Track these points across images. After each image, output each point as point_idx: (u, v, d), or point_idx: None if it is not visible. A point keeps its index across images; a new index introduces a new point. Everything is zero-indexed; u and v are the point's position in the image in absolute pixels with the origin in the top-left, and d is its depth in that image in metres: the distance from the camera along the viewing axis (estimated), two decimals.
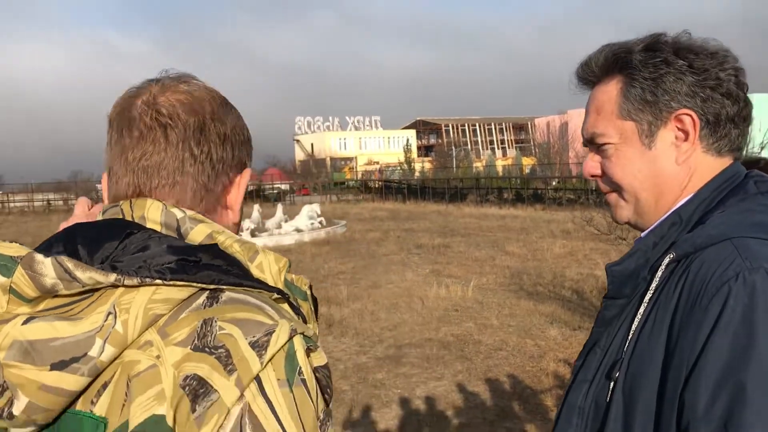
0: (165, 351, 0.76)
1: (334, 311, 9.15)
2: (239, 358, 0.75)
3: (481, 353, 7.03)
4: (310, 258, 14.87)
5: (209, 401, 0.73)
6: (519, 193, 32.47)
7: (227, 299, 0.81)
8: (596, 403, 1.05)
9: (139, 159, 0.91)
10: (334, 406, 5.62)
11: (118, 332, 0.76)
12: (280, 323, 0.79)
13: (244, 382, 0.74)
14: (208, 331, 0.77)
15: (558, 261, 12.95)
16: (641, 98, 1.05)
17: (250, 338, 0.76)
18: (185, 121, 0.91)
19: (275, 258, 0.92)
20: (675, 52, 1.03)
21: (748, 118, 1.04)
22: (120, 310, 0.77)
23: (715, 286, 0.89)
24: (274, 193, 46.24)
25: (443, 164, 66.13)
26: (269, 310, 0.81)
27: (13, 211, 40.49)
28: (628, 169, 1.08)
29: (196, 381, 0.74)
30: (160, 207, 0.89)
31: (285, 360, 0.77)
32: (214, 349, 0.75)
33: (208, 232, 0.89)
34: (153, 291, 0.78)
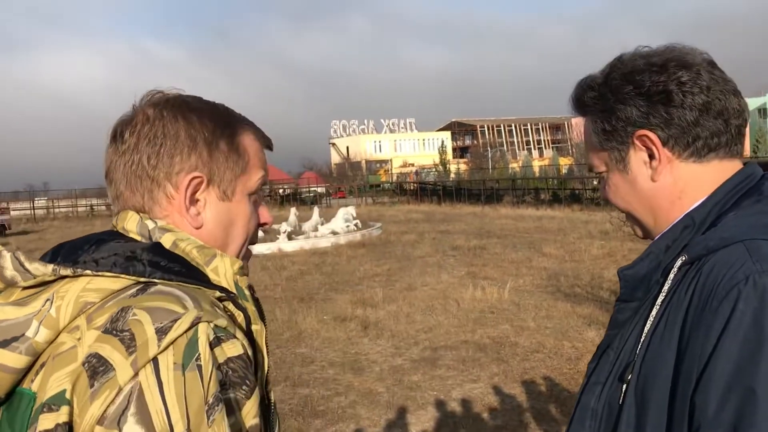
0: (86, 334, 0.84)
1: (370, 313, 9.18)
2: (143, 341, 0.81)
3: (518, 355, 6.98)
4: (345, 260, 14.95)
5: (106, 378, 0.79)
6: (556, 193, 32.11)
7: (153, 291, 0.87)
8: (609, 405, 1.05)
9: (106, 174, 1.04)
10: (370, 408, 5.67)
11: (52, 316, 0.86)
12: (188, 312, 0.84)
13: (140, 363, 0.80)
14: (122, 317, 0.83)
15: (596, 262, 12.78)
16: (603, 130, 1.10)
17: (157, 324, 0.82)
18: (126, 138, 1.00)
19: (231, 261, 0.99)
20: (623, 77, 1.07)
21: (724, 112, 1.03)
22: (57, 297, 0.87)
23: (725, 288, 0.90)
24: (310, 196, 46.57)
25: (479, 165, 65.78)
26: (187, 300, 0.86)
27: (58, 216, 41.62)
28: (618, 194, 1.13)
29: (96, 359, 0.81)
30: (137, 219, 0.99)
31: (186, 345, 0.82)
32: (119, 332, 0.82)
33: (173, 240, 0.97)
34: (87, 281, 0.88)
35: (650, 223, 1.12)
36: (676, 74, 1.03)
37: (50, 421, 0.80)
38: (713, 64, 1.07)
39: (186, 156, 0.99)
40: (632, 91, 1.05)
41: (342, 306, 9.74)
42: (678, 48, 1.08)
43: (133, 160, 0.99)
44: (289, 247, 17.48)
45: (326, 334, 8.22)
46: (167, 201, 1.00)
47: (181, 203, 0.99)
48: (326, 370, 6.82)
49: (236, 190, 1.04)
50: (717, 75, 1.05)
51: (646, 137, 1.06)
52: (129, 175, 0.99)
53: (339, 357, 7.28)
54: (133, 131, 0.99)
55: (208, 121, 1.02)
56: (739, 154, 1.08)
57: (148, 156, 0.98)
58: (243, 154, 1.05)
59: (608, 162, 1.12)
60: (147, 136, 0.99)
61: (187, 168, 0.99)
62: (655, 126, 1.04)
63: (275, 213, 32.00)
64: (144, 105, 1.02)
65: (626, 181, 1.11)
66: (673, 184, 1.07)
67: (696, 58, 1.06)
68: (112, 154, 1.01)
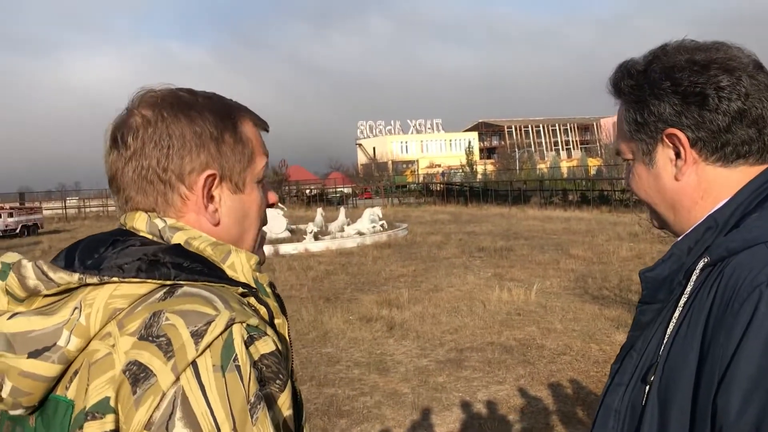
0: (119, 340, 0.85)
1: (395, 314, 9.19)
2: (179, 345, 0.82)
3: (544, 358, 6.93)
4: (371, 261, 14.98)
5: (148, 384, 0.81)
6: (584, 194, 31.79)
7: (181, 293, 0.88)
8: (632, 406, 1.05)
9: (111, 181, 1.03)
10: (395, 409, 5.67)
11: (82, 324, 0.87)
12: (221, 313, 0.85)
13: (180, 368, 0.81)
14: (155, 322, 0.84)
15: (624, 264, 12.63)
16: (635, 120, 1.09)
17: (191, 328, 0.83)
18: (128, 143, 0.99)
19: (247, 257, 1.00)
20: (663, 71, 1.05)
21: (759, 120, 1.01)
22: (85, 305, 0.88)
23: (747, 290, 0.89)
24: (336, 196, 46.74)
25: (506, 166, 65.32)
26: (217, 301, 0.87)
27: (89, 215, 42.34)
28: (641, 184, 1.13)
29: (137, 366, 0.82)
30: (146, 218, 0.99)
31: (222, 347, 0.83)
32: (156, 338, 0.83)
33: (185, 239, 0.98)
34: (114, 287, 0.88)
35: (670, 218, 1.12)
36: (716, 78, 1.01)
37: (96, 429, 0.82)
38: (760, 67, 1.04)
39: (195, 155, 0.99)
40: (669, 87, 1.04)
41: (368, 306, 9.76)
42: (725, 47, 1.05)
43: (141, 165, 0.98)
44: (315, 248, 17.56)
45: (352, 335, 8.25)
46: (182, 202, 1.00)
47: (198, 203, 1.00)
48: (352, 370, 6.84)
49: (246, 181, 1.04)
50: (759, 80, 1.03)
51: (675, 136, 1.05)
52: (139, 180, 0.99)
53: (364, 357, 7.30)
54: (136, 135, 0.98)
55: (209, 115, 1.01)
56: None
57: (157, 159, 0.97)
58: (247, 143, 1.04)
59: (635, 152, 1.12)
60: (152, 140, 0.98)
61: (198, 167, 0.99)
62: (685, 126, 1.03)
63: (302, 213, 32.17)
64: (139, 106, 1.00)
65: (650, 175, 1.11)
66: (696, 185, 1.06)
67: (742, 61, 1.03)
68: (116, 161, 1.00)
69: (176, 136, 0.98)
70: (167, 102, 1.00)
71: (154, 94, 1.02)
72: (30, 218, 31.30)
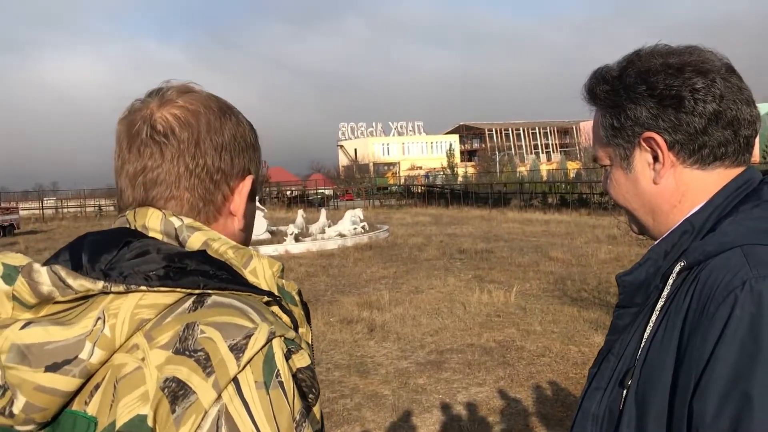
0: (149, 354, 0.80)
1: (376, 316, 9.18)
2: (218, 360, 0.78)
3: (524, 359, 6.97)
4: (352, 263, 14.96)
5: (188, 402, 0.76)
6: (564, 197, 32.05)
7: (212, 303, 0.84)
8: (610, 410, 1.05)
9: (138, 174, 0.96)
10: (375, 411, 5.67)
11: (107, 336, 0.81)
12: (260, 326, 0.81)
13: (221, 384, 0.77)
14: (190, 335, 0.80)
15: (603, 267, 12.74)
16: (611, 126, 1.10)
17: (229, 341, 0.79)
18: (179, 135, 0.95)
19: (269, 263, 0.96)
20: (638, 75, 1.05)
21: (734, 122, 1.03)
22: (108, 315, 0.81)
23: (722, 294, 0.89)
24: (317, 198, 46.64)
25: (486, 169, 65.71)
26: (252, 313, 0.83)
27: (66, 216, 41.83)
28: (619, 190, 1.13)
29: (176, 383, 0.77)
30: (160, 216, 0.94)
31: (263, 362, 0.79)
32: (193, 352, 0.78)
33: (204, 240, 0.93)
34: (140, 297, 0.82)
35: (648, 222, 1.12)
36: (691, 80, 1.02)
37: None
38: (731, 71, 1.06)
39: (240, 157, 0.98)
40: (645, 91, 1.05)
41: (348, 308, 9.75)
42: (698, 51, 1.06)
43: (197, 162, 0.95)
44: (296, 249, 17.50)
45: (332, 336, 8.23)
46: (222, 203, 0.98)
47: (239, 204, 0.99)
48: (332, 372, 6.82)
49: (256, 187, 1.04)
50: (733, 83, 1.04)
51: (652, 139, 1.05)
52: (189, 177, 0.95)
53: (345, 359, 7.29)
54: (191, 129, 0.94)
55: (244, 121, 1.01)
56: (746, 163, 1.07)
57: (212, 157, 0.95)
58: (259, 150, 1.05)
59: (613, 157, 1.12)
60: (209, 136, 0.95)
61: (241, 170, 0.98)
62: (662, 129, 1.04)
63: (282, 215, 32.04)
64: (180, 99, 0.96)
65: (628, 180, 1.11)
66: (674, 188, 1.07)
67: (714, 64, 1.04)
68: (156, 154, 0.94)
69: (228, 136, 0.97)
70: (212, 100, 0.98)
71: (194, 89, 0.98)
72: (6, 218, 30.79)
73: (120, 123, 0.99)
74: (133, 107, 0.99)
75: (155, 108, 0.96)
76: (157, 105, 0.96)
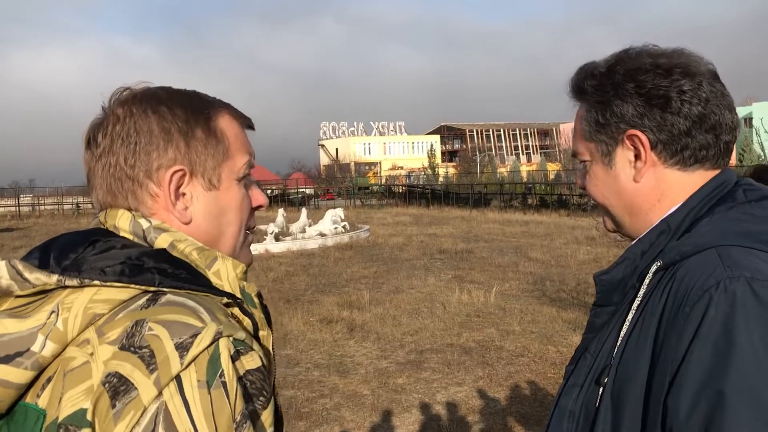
0: (98, 348, 0.80)
1: (356, 316, 9.18)
2: (162, 358, 0.78)
3: (503, 359, 7.01)
4: (333, 262, 14.94)
5: (129, 398, 0.77)
6: (543, 198, 32.27)
7: (165, 301, 0.84)
8: (586, 408, 1.07)
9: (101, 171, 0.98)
10: (354, 411, 5.66)
11: (59, 329, 0.82)
12: (208, 326, 0.81)
13: (163, 382, 0.77)
14: (137, 331, 0.80)
15: (582, 267, 12.84)
16: (596, 121, 1.11)
17: (176, 339, 0.79)
18: (98, 140, 0.97)
19: (233, 264, 0.96)
20: (627, 73, 1.07)
21: (716, 127, 1.04)
22: (62, 308, 0.83)
23: (697, 294, 0.91)
24: (298, 197, 46.46)
25: (467, 169, 65.97)
26: (203, 312, 0.83)
27: (43, 213, 41.28)
28: (598, 186, 1.14)
29: (117, 378, 0.78)
30: (129, 217, 0.95)
31: (208, 362, 0.79)
32: (138, 349, 0.79)
33: (170, 241, 0.94)
34: (94, 291, 0.84)
35: (625, 220, 1.13)
36: (679, 81, 1.04)
37: None
38: (716, 76, 1.08)
39: (163, 150, 0.95)
40: (633, 89, 1.06)
41: (328, 308, 9.73)
42: (686, 54, 1.08)
43: (109, 163, 0.96)
44: (276, 249, 17.44)
45: (312, 336, 8.21)
46: (152, 200, 0.96)
47: (166, 200, 0.96)
48: (311, 372, 6.81)
49: (222, 177, 1.00)
50: (717, 88, 1.06)
51: (636, 137, 1.06)
52: (108, 178, 0.96)
53: (324, 359, 7.27)
54: (106, 133, 0.96)
55: (179, 111, 0.97)
56: (724, 167, 1.09)
57: (124, 156, 0.95)
58: (222, 138, 1.00)
59: (594, 153, 1.13)
60: (120, 136, 0.95)
61: (166, 163, 0.95)
62: (647, 128, 1.05)
63: (262, 214, 31.88)
64: (113, 105, 0.98)
65: (608, 176, 1.12)
66: (654, 187, 1.08)
67: (701, 68, 1.06)
68: (89, 160, 0.98)
69: (143, 131, 0.95)
70: (137, 98, 0.97)
71: (129, 91, 0.99)
72: None
73: None
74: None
75: (99, 117, 0.99)
76: (101, 114, 0.99)
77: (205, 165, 0.98)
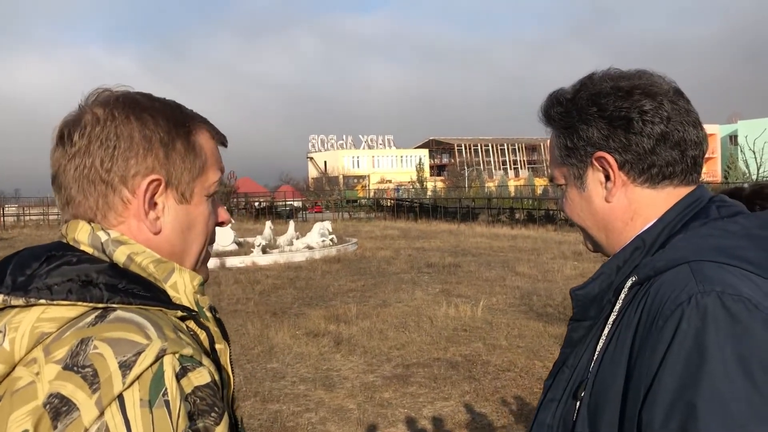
0: (44, 368, 0.79)
1: (343, 329, 9.15)
2: (105, 377, 0.77)
3: (490, 374, 7.00)
4: (320, 275, 14.90)
5: (70, 419, 0.75)
6: (531, 213, 32.41)
7: (113, 318, 0.83)
8: (564, 422, 1.08)
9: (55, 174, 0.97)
10: (340, 425, 5.63)
11: (5, 350, 0.81)
12: (153, 343, 0.80)
13: (104, 402, 0.76)
14: (82, 350, 0.79)
15: (568, 282, 12.89)
16: (565, 146, 1.14)
17: (120, 358, 0.78)
18: (74, 139, 0.94)
19: (190, 276, 0.96)
20: (589, 98, 1.10)
21: (681, 143, 1.07)
22: (9, 328, 0.82)
23: (670, 308, 0.93)
24: (286, 210, 46.35)
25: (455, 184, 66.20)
26: (150, 329, 0.82)
27: (29, 224, 40.90)
28: (574, 208, 1.18)
29: (58, 399, 0.76)
30: (88, 230, 0.93)
31: (151, 380, 0.78)
32: (81, 368, 0.78)
33: (127, 254, 0.92)
34: (42, 310, 0.83)
35: (602, 239, 1.16)
36: (639, 102, 1.07)
37: None
38: (679, 94, 1.11)
39: (142, 158, 0.94)
40: (596, 113, 1.09)
41: (315, 321, 9.69)
42: (647, 75, 1.11)
43: (84, 164, 0.93)
44: (263, 261, 17.38)
45: (298, 350, 8.17)
46: (123, 206, 0.95)
47: (139, 208, 0.95)
48: (297, 386, 6.77)
49: (194, 192, 0.99)
50: (680, 106, 1.09)
51: (604, 159, 1.09)
52: (81, 179, 0.94)
53: (310, 373, 7.24)
54: (83, 133, 0.93)
55: (162, 121, 0.97)
56: (694, 183, 1.12)
57: (101, 159, 0.93)
58: (200, 153, 1.00)
59: (567, 177, 1.16)
60: (99, 138, 0.93)
61: (143, 171, 0.94)
62: (613, 149, 1.08)
63: (250, 226, 31.79)
64: (92, 104, 0.96)
65: (582, 198, 1.15)
66: (626, 206, 1.11)
67: (662, 87, 1.09)
68: (60, 157, 0.95)
69: (124, 136, 0.93)
70: (120, 102, 0.96)
71: (109, 93, 0.97)
72: None
73: None
74: None
75: (74, 114, 0.97)
76: (76, 112, 0.97)
77: (181, 178, 0.98)
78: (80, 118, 0.95)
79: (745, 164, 31.14)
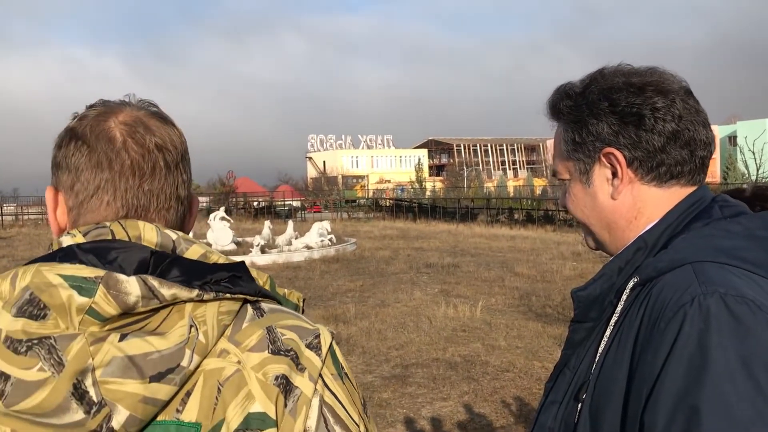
0: (243, 357, 0.86)
1: (342, 329, 9.15)
2: (305, 358, 0.88)
3: (488, 374, 7.00)
4: (319, 275, 14.89)
5: (296, 396, 0.85)
6: (530, 213, 32.43)
7: (269, 310, 0.92)
8: (565, 424, 1.07)
9: (137, 185, 0.95)
10: None
11: (202, 342, 0.84)
12: (320, 327, 0.93)
13: (315, 378, 0.87)
14: (276, 338, 0.88)
15: (567, 283, 12.89)
16: (573, 140, 1.13)
17: (305, 341, 0.89)
18: (176, 148, 0.99)
19: (257, 274, 0.99)
20: (600, 92, 1.09)
21: (691, 142, 1.06)
22: (198, 322, 0.84)
23: (672, 310, 0.92)
24: (285, 209, 46.32)
25: (454, 184, 66.22)
26: (301, 317, 0.95)
27: (27, 223, 40.87)
28: (577, 204, 1.16)
29: (284, 379, 0.85)
30: (155, 229, 0.93)
31: (332, 358, 0.91)
32: (286, 352, 0.87)
33: (202, 252, 0.94)
34: (219, 304, 0.87)
35: (605, 237, 1.14)
36: (651, 99, 1.06)
37: None
38: (689, 93, 1.09)
39: (189, 175, 1.02)
40: (607, 107, 1.08)
41: (314, 321, 9.67)
42: (659, 72, 1.10)
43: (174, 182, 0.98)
44: (262, 261, 17.36)
45: None
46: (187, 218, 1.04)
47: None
48: None
49: None
50: (691, 105, 1.08)
51: (612, 155, 1.08)
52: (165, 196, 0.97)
53: None
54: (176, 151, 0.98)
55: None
56: (700, 183, 1.11)
57: (185, 179, 1.01)
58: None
59: (572, 172, 1.15)
60: (184, 158, 1.01)
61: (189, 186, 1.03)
62: (623, 146, 1.07)
63: (249, 226, 31.78)
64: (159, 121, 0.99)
65: (587, 194, 1.13)
66: (631, 204, 1.10)
67: (674, 85, 1.08)
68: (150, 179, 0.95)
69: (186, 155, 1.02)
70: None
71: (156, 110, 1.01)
72: None
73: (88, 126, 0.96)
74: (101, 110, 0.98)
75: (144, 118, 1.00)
76: (145, 116, 1.00)
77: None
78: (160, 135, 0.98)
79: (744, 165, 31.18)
